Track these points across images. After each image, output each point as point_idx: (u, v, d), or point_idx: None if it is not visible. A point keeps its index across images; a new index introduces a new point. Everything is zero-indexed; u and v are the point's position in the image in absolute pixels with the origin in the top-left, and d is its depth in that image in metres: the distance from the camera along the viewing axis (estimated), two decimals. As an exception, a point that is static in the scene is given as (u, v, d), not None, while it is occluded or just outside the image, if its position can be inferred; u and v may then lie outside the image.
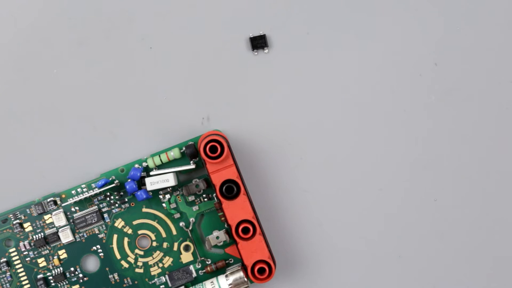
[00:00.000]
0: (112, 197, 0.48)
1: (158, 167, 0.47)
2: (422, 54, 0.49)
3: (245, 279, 0.46)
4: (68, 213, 0.48)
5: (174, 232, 0.48)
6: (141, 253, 0.48)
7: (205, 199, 0.48)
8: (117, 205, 0.48)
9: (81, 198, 0.47)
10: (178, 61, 0.49)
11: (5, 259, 0.47)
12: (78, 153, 0.48)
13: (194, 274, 0.48)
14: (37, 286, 0.47)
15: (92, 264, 0.48)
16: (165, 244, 0.48)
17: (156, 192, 0.48)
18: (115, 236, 0.48)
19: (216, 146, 0.45)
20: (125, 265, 0.48)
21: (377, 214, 0.49)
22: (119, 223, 0.48)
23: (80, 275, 0.48)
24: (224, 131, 0.48)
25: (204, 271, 0.48)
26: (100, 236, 0.48)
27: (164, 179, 0.47)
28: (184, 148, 0.47)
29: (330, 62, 0.49)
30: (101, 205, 0.48)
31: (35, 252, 0.48)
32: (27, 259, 0.48)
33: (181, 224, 0.48)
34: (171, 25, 0.49)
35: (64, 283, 0.48)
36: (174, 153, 0.47)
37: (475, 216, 0.49)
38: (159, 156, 0.47)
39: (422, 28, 0.49)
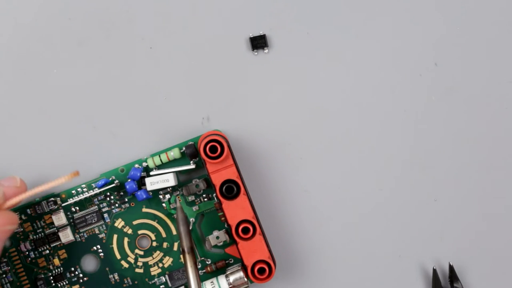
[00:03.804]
0: (112, 197, 0.48)
1: (158, 167, 0.47)
2: (422, 54, 0.49)
3: (245, 279, 0.46)
4: (68, 213, 0.48)
5: (174, 232, 0.48)
6: (141, 253, 0.48)
7: (205, 199, 0.48)
8: (117, 205, 0.48)
9: (81, 198, 0.47)
10: (178, 61, 0.49)
11: (5, 259, 0.47)
12: (78, 153, 0.48)
13: (194, 274, 0.48)
14: (37, 286, 0.47)
15: (92, 264, 0.48)
16: (165, 244, 0.48)
17: (156, 192, 0.48)
18: (115, 236, 0.48)
19: (216, 146, 0.45)
20: (125, 265, 0.48)
21: (377, 214, 0.49)
22: (119, 223, 0.48)
23: (80, 275, 0.48)
24: (224, 131, 0.48)
25: (204, 271, 0.48)
26: (100, 236, 0.48)
27: (164, 179, 0.47)
28: (184, 148, 0.47)
29: (330, 62, 0.49)
30: (101, 205, 0.48)
31: (35, 252, 0.48)
32: (27, 259, 0.48)
33: (181, 224, 0.48)
34: (171, 25, 0.49)
35: (64, 283, 0.48)
36: (174, 153, 0.47)
37: (475, 216, 0.49)
38: (159, 156, 0.47)
39: (422, 28, 0.49)
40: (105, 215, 0.48)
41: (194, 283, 0.44)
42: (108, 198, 0.48)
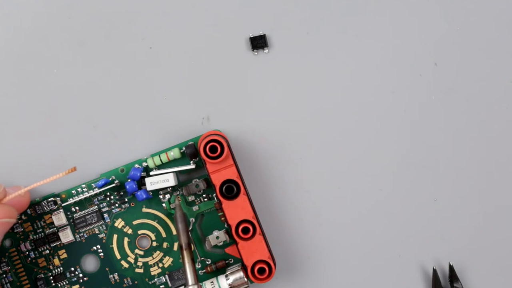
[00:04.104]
0: (112, 197, 0.48)
1: (158, 167, 0.47)
2: (422, 54, 0.49)
3: (245, 279, 0.46)
4: (68, 213, 0.48)
5: (174, 232, 0.48)
6: (141, 253, 0.48)
7: (205, 199, 0.48)
8: (117, 205, 0.48)
9: (81, 198, 0.47)
10: (178, 61, 0.49)
11: (5, 259, 0.47)
12: (78, 153, 0.48)
13: (194, 274, 0.48)
14: (37, 286, 0.47)
15: (92, 264, 0.48)
16: (165, 244, 0.48)
17: (156, 192, 0.48)
18: (115, 236, 0.48)
19: (216, 146, 0.45)
20: (125, 265, 0.48)
21: (377, 214, 0.49)
22: (119, 223, 0.48)
23: (80, 275, 0.48)
24: (224, 131, 0.48)
25: (204, 271, 0.48)
26: (100, 236, 0.48)
27: (164, 179, 0.47)
28: (184, 148, 0.47)
29: (330, 62, 0.49)
30: (101, 205, 0.48)
31: (35, 252, 0.48)
32: (27, 259, 0.48)
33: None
34: (171, 25, 0.49)
35: (64, 283, 0.48)
36: (174, 153, 0.47)
37: (475, 216, 0.49)
38: (159, 156, 0.47)
39: (422, 28, 0.49)
40: (105, 215, 0.48)
41: (190, 277, 0.44)
42: (108, 198, 0.48)
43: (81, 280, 0.48)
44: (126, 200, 0.48)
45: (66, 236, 0.47)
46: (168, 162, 0.47)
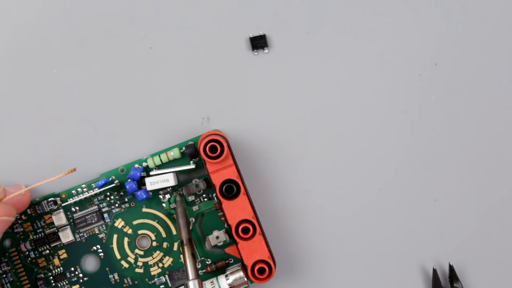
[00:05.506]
0: (112, 197, 0.48)
1: (158, 167, 0.47)
2: (422, 54, 0.49)
3: (245, 279, 0.46)
4: (68, 213, 0.48)
5: (174, 232, 0.48)
6: (141, 253, 0.48)
7: (205, 199, 0.48)
8: (117, 205, 0.48)
9: (81, 198, 0.47)
10: (178, 61, 0.49)
11: (5, 259, 0.47)
12: (78, 153, 0.48)
13: (194, 274, 0.48)
14: (37, 286, 0.47)
15: (92, 264, 0.48)
16: (165, 244, 0.48)
17: (156, 192, 0.48)
18: (115, 236, 0.48)
19: (216, 146, 0.45)
20: (125, 265, 0.48)
21: (378, 214, 0.49)
22: (119, 223, 0.48)
23: (80, 275, 0.48)
24: (224, 131, 0.48)
25: (204, 271, 0.48)
26: (100, 236, 0.48)
27: (164, 179, 0.47)
28: (184, 148, 0.47)
29: (330, 62, 0.49)
30: (101, 205, 0.48)
31: (35, 252, 0.48)
32: (27, 259, 0.48)
33: (181, 224, 0.48)
34: (171, 25, 0.49)
35: (64, 283, 0.48)
36: (174, 153, 0.47)
37: (475, 216, 0.49)
38: (159, 156, 0.47)
39: (422, 28, 0.49)
40: (105, 215, 0.48)
41: (191, 272, 0.44)
42: (108, 198, 0.48)
43: (81, 280, 0.48)
44: (126, 200, 0.48)
45: (66, 236, 0.47)
46: (168, 162, 0.47)
